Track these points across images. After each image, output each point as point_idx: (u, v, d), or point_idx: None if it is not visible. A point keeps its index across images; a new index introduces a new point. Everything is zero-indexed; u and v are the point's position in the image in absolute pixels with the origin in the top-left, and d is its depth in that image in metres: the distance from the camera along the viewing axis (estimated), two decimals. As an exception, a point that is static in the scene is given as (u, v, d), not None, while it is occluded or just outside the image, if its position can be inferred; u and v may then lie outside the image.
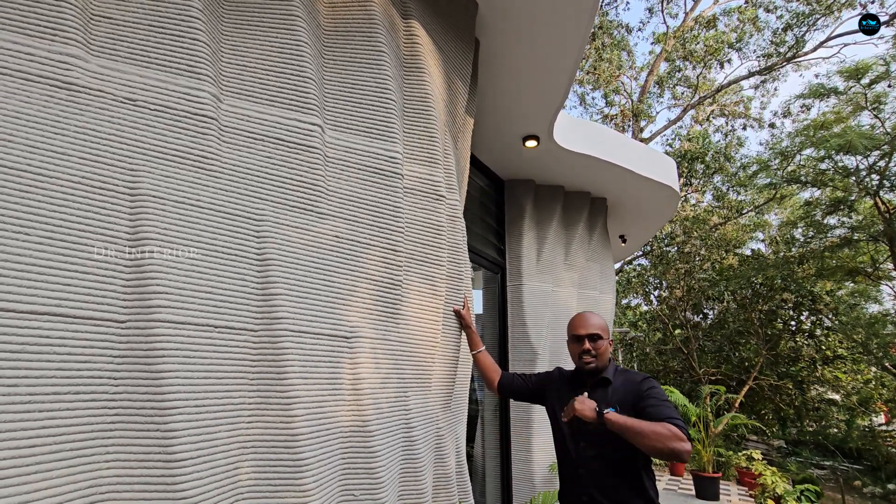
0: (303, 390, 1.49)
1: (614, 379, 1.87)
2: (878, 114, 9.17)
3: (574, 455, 1.87)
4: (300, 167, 1.62)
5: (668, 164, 4.63)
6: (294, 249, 1.58)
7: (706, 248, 12.65)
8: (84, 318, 1.17)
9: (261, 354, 1.46)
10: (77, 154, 1.24)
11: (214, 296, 1.38)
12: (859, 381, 14.13)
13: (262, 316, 1.48)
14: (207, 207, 1.42)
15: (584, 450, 1.83)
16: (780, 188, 11.36)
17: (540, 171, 4.32)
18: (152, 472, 1.19)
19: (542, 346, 4.06)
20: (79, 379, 1.14)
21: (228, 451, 1.35)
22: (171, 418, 1.21)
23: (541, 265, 4.30)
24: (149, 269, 1.27)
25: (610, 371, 1.90)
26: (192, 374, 1.28)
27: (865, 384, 14.20)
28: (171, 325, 1.27)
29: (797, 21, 11.70)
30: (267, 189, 1.56)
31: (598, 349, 1.88)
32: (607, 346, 1.90)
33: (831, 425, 16.76)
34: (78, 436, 1.12)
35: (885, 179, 8.53)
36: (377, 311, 1.81)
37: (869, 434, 15.41)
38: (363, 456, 1.67)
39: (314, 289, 1.60)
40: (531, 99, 3.26)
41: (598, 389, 1.88)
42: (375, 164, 1.83)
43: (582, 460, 1.83)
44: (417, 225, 2.01)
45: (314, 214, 1.65)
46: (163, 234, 1.31)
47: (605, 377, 1.89)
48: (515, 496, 3.77)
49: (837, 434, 16.89)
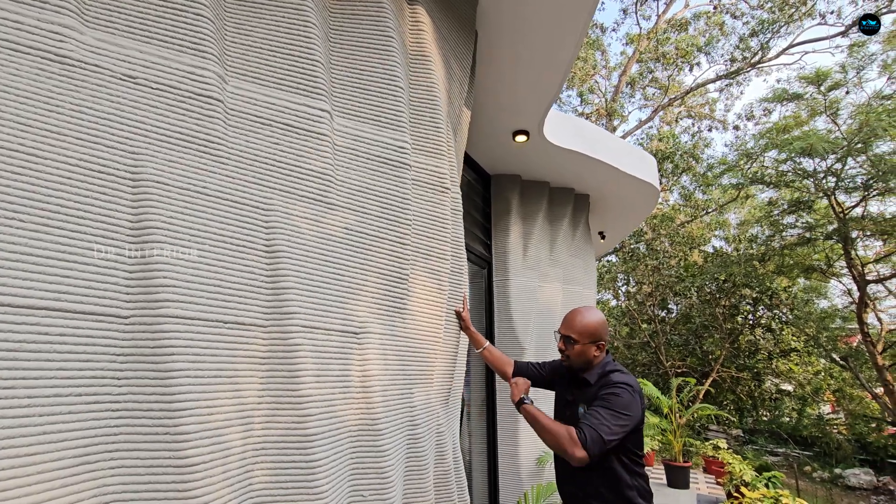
0: (315, 388, 1.42)
1: (595, 382, 1.87)
2: (834, 118, 9.66)
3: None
4: (309, 155, 1.55)
5: (650, 161, 4.73)
6: (304, 241, 1.50)
7: (672, 246, 13.08)
8: (84, 313, 1.07)
9: (271, 352, 1.38)
10: (73, 134, 1.13)
11: (223, 290, 1.30)
12: (810, 372, 14.93)
13: (271, 311, 1.40)
14: (214, 195, 1.33)
15: None
16: (745, 188, 11.83)
17: (527, 166, 4.33)
18: (162, 479, 1.10)
19: (529, 341, 4.07)
20: (80, 379, 1.05)
21: (241, 454, 1.28)
22: (182, 420, 1.13)
23: (527, 260, 4.31)
24: (154, 261, 1.17)
25: (594, 373, 1.89)
26: (202, 373, 1.20)
27: (815, 375, 15.01)
28: (179, 320, 1.18)
29: (762, 28, 12.18)
30: (275, 177, 1.48)
31: (570, 351, 1.90)
32: (583, 349, 1.88)
33: (784, 414, 17.78)
34: (81, 441, 1.03)
35: (841, 181, 9.00)
36: (385, 306, 1.75)
37: (818, 422, 16.40)
38: (373, 455, 1.62)
39: (325, 283, 1.53)
40: (525, 93, 3.25)
41: (582, 389, 1.93)
42: (384, 154, 1.77)
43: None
44: (423, 217, 1.96)
45: (324, 205, 1.57)
46: (168, 223, 1.22)
47: (585, 378, 1.90)
48: (502, 490, 3.78)
49: (790, 422, 17.92)
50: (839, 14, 11.70)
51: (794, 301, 12.49)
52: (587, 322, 1.89)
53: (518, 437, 3.84)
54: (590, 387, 1.87)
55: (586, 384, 1.89)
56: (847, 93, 9.29)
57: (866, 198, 9.20)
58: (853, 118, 9.56)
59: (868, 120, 8.21)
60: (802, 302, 13.28)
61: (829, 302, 14.99)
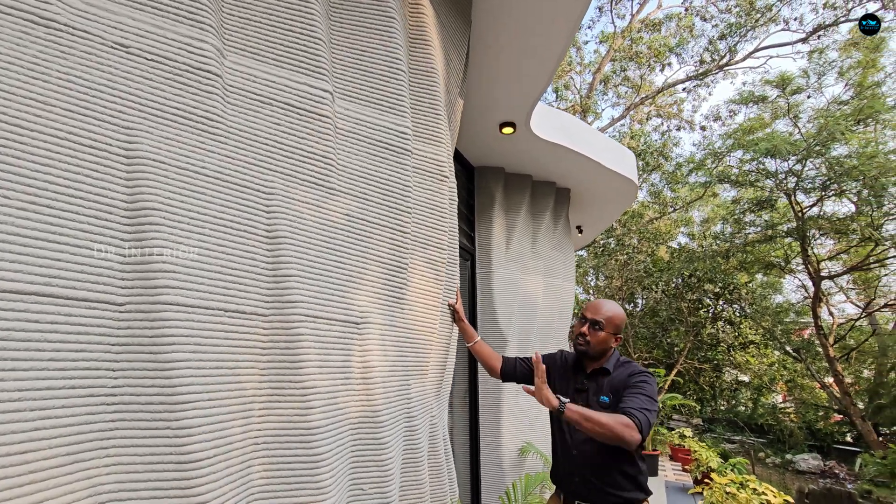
0: (319, 380, 1.37)
1: (614, 370, 1.91)
2: (796, 121, 10.10)
3: (569, 437, 1.91)
4: (311, 137, 1.48)
5: (629, 156, 4.81)
6: (306, 227, 1.44)
7: (641, 241, 13.44)
8: (76, 299, 0.99)
9: (272, 342, 1.32)
10: (61, 104, 1.04)
11: (224, 277, 1.23)
12: (765, 364, 15.67)
13: (273, 299, 1.33)
14: (214, 176, 1.25)
15: (578, 433, 1.85)
16: (711, 186, 12.25)
17: (510, 159, 4.32)
18: (163, 476, 1.03)
19: (511, 333, 4.09)
20: (73, 371, 0.97)
21: (242, 448, 1.22)
22: (185, 414, 1.06)
23: (510, 253, 4.32)
24: (151, 245, 1.10)
25: (611, 362, 1.93)
26: (204, 364, 1.13)
27: (770, 367, 15.77)
28: (179, 308, 1.10)
29: (730, 31, 12.58)
30: (276, 159, 1.40)
31: (594, 336, 1.91)
32: (607, 337, 1.91)
33: (741, 404, 18.70)
34: (75, 437, 0.95)
35: (801, 182, 9.43)
36: (385, 296, 1.71)
37: (772, 411, 17.33)
38: (373, 447, 1.58)
39: (327, 271, 1.48)
40: (514, 85, 3.23)
41: (597, 378, 1.94)
42: (386, 139, 1.71)
43: (575, 442, 1.88)
44: (422, 206, 1.92)
45: (325, 190, 1.51)
46: (166, 204, 1.14)
47: (605, 368, 1.92)
48: (484, 480, 3.80)
49: (746, 411, 18.86)
50: (801, 21, 12.21)
51: (753, 296, 13.09)
52: (616, 312, 1.92)
53: (500, 428, 3.86)
54: (607, 375, 1.89)
55: (603, 373, 1.91)
56: (809, 97, 9.73)
57: (823, 198, 9.67)
58: (813, 122, 10.02)
59: (827, 124, 8.61)
60: (760, 297, 13.94)
61: (783, 297, 15.80)
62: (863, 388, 12.24)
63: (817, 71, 10.10)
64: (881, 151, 8.46)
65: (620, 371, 1.90)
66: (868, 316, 12.06)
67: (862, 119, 8.72)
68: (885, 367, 11.60)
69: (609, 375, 1.90)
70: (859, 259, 10.23)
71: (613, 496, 1.79)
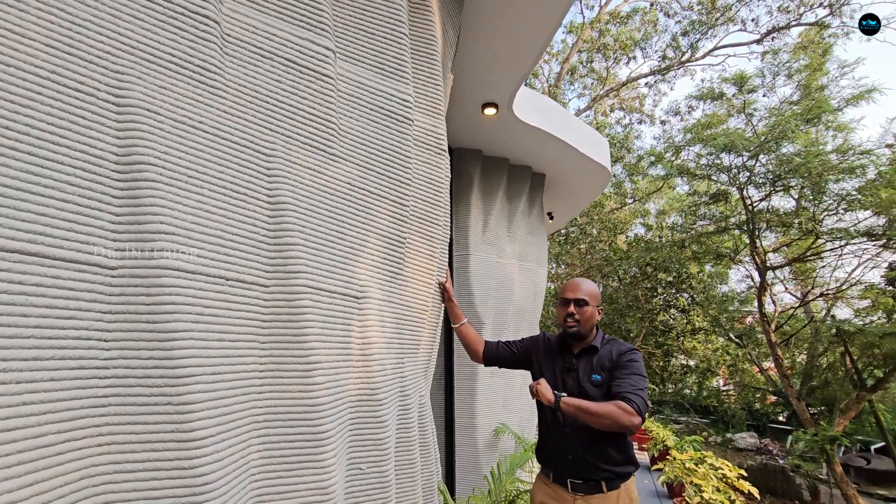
0: (323, 355, 1.30)
1: (602, 347, 1.93)
2: (750, 119, 10.59)
3: (561, 416, 1.89)
4: (313, 97, 1.38)
5: (604, 143, 4.88)
6: (308, 194, 1.35)
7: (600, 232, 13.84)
8: (65, 260, 0.88)
9: (273, 314, 1.24)
10: (41, 41, 0.91)
11: (225, 242, 1.13)
12: (710, 349, 16.60)
13: (275, 269, 1.25)
14: (212, 133, 1.15)
15: None
16: (669, 179, 12.70)
17: (489, 141, 4.28)
18: (163, 456, 0.95)
19: (488, 316, 4.10)
20: (62, 340, 0.86)
21: (243, 426, 1.14)
22: (187, 389, 0.97)
23: (486, 236, 4.31)
24: (147, 203, 0.99)
25: (598, 340, 1.95)
26: (206, 335, 1.04)
27: (714, 352, 16.72)
28: (180, 274, 1.01)
29: (692, 28, 12.99)
30: (277, 119, 1.30)
31: (582, 314, 1.91)
32: (593, 312, 1.93)
33: (687, 387, 19.83)
34: (66, 413, 0.85)
35: (753, 177, 9.92)
36: (384, 271, 1.64)
37: (715, 393, 18.47)
38: (372, 426, 1.53)
39: (329, 241, 1.40)
40: (500, 65, 3.18)
41: (585, 356, 1.94)
42: (388, 106, 1.63)
43: (569, 421, 1.86)
44: (420, 179, 1.85)
45: (327, 156, 1.42)
46: (161, 159, 1.03)
47: (592, 345, 1.93)
48: (458, 462, 3.82)
49: (691, 394, 20.02)
50: (757, 23, 12.76)
51: (703, 285, 13.80)
52: (593, 286, 1.96)
53: (475, 409, 3.88)
54: (595, 352, 1.91)
55: (591, 350, 1.92)
56: (764, 96, 10.23)
57: (771, 193, 10.23)
58: (764, 120, 10.54)
59: (779, 122, 9.08)
60: (708, 287, 14.72)
61: (728, 287, 16.75)
62: (797, 372, 13.20)
63: (772, 71, 10.61)
64: (823, 151, 9.02)
65: (608, 348, 1.91)
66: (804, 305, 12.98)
67: (810, 119, 9.25)
68: (816, 351, 12.53)
69: (597, 353, 1.91)
70: (801, 251, 10.92)
71: (607, 471, 1.79)
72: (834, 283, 11.42)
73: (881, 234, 8.78)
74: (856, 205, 8.80)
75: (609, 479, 1.80)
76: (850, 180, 9.03)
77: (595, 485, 1.80)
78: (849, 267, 11.61)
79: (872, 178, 8.71)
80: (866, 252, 10.19)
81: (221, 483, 1.01)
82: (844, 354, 9.79)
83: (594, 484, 1.80)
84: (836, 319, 10.44)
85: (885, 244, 9.42)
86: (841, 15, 11.56)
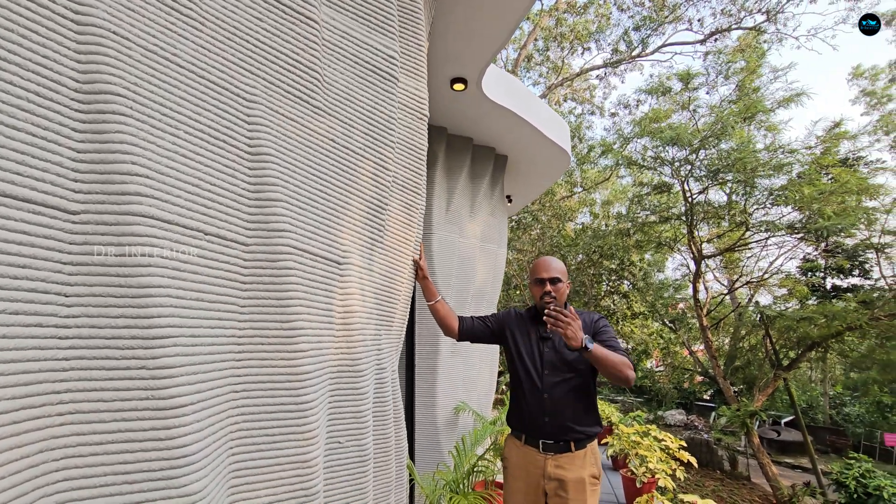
0: (307, 321, 1.21)
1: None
2: (693, 115, 11.16)
3: (539, 382, 1.99)
4: (297, 42, 1.26)
5: (565, 127, 4.94)
6: (290, 146, 1.24)
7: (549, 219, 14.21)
8: (17, 198, 0.74)
9: (254, 275, 1.13)
10: (-17, -69, 0.75)
11: (203, 192, 1.01)
12: (646, 333, 17.62)
13: (256, 226, 1.14)
14: (188, 69, 1.01)
15: (548, 377, 1.98)
16: (616, 169, 13.20)
17: (454, 119, 4.22)
18: (137, 426, 0.84)
19: (449, 294, 4.08)
20: (13, 292, 0.73)
21: (221, 395, 1.04)
22: (164, 351, 0.86)
23: (449, 215, 4.26)
24: (115, 139, 0.86)
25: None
26: (184, 292, 0.93)
27: (650, 336, 17.77)
28: (154, 222, 0.89)
29: (643, 23, 13.44)
30: (258, 62, 1.18)
31: (557, 291, 2.02)
32: (565, 287, 2.06)
33: (624, 368, 20.94)
34: (19, 377, 0.73)
35: (694, 170, 10.50)
36: (366, 236, 1.56)
37: (650, 374, 19.70)
38: (352, 397, 1.46)
39: (312, 200, 1.30)
40: (471, 39, 3.10)
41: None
42: (373, 61, 1.53)
43: (546, 386, 1.97)
44: (402, 145, 1.77)
45: (310, 107, 1.31)
46: (131, 91, 0.90)
47: None
48: (418, 440, 3.81)
49: (628, 375, 21.20)
50: (702, 23, 13.40)
51: (642, 273, 14.58)
52: (562, 264, 2.08)
53: (436, 387, 3.87)
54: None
55: None
56: (707, 93, 10.79)
57: (708, 187, 10.88)
58: (706, 117, 11.14)
59: (720, 118, 9.63)
60: (647, 274, 15.57)
61: (664, 274, 17.81)
62: (722, 354, 14.29)
63: (716, 70, 11.20)
64: (756, 149, 9.69)
65: (580, 318, 1.96)
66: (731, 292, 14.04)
67: (747, 118, 9.87)
68: (740, 335, 13.62)
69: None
70: (731, 242, 11.73)
71: (578, 432, 1.91)
72: (758, 273, 12.38)
73: (801, 228, 9.59)
74: (781, 200, 9.53)
75: (578, 440, 1.92)
76: (777, 177, 9.75)
77: (565, 445, 1.91)
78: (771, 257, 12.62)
79: (796, 176, 9.46)
80: (786, 244, 11.11)
81: (202, 455, 0.92)
82: (765, 337, 10.68)
83: (564, 444, 1.91)
84: (760, 305, 11.35)
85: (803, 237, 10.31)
86: (776, 22, 12.36)
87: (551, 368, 1.97)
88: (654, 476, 3.82)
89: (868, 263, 11.42)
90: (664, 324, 15.90)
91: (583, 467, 1.89)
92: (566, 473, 1.87)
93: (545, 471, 1.90)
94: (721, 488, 9.02)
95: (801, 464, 14.09)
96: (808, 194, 8.83)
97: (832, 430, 17.00)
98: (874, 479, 6.23)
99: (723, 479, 10.10)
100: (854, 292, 11.03)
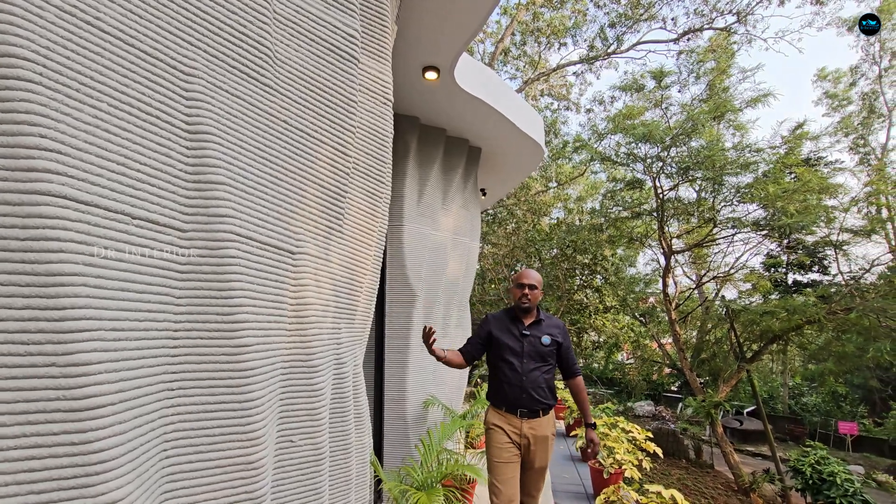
0: (251, 313, 1.13)
1: (545, 319, 2.75)
2: (665, 112, 11.35)
3: (520, 369, 2.64)
4: (242, 13, 1.17)
5: (538, 120, 4.92)
6: (235, 125, 1.15)
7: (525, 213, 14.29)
8: None
9: (192, 263, 1.04)
10: None
11: (129, 171, 0.92)
12: (617, 327, 17.99)
13: (194, 211, 1.05)
14: (112, 34, 0.92)
15: (527, 364, 2.64)
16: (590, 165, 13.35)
17: (426, 109, 4.14)
18: (45, 429, 0.75)
19: (420, 287, 4.02)
20: None
21: (152, 394, 0.95)
22: (79, 347, 0.78)
23: (421, 207, 4.19)
24: (21, 108, 0.76)
25: (541, 314, 2.77)
26: (103, 281, 0.84)
27: (620, 329, 18.16)
28: (69, 203, 0.79)
29: (619, 20, 13.57)
30: (198, 33, 1.08)
31: (533, 296, 2.70)
32: (539, 294, 2.74)
33: (595, 361, 21.45)
34: None
35: (665, 167, 10.68)
36: (322, 226, 1.48)
37: (619, 367, 20.12)
38: (306, 394, 1.38)
39: (261, 185, 1.21)
40: (443, 25, 3.02)
41: (534, 326, 2.71)
42: (331, 40, 1.44)
43: (525, 371, 2.63)
44: (364, 130, 1.69)
45: (259, 85, 1.22)
46: (42, 55, 0.80)
47: (540, 318, 2.74)
48: (387, 435, 3.76)
49: (599, 367, 21.68)
50: (676, 22, 13.62)
51: (614, 267, 14.83)
52: (538, 275, 2.74)
53: (405, 382, 3.82)
54: (541, 323, 2.71)
55: (538, 322, 2.71)
56: (679, 91, 10.99)
57: (679, 184, 11.10)
58: (678, 115, 11.34)
59: (692, 116, 9.81)
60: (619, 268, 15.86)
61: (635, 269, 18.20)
62: (690, 346, 14.70)
63: (688, 69, 11.40)
64: (724, 147, 9.92)
65: (548, 320, 2.77)
66: (699, 287, 14.42)
67: (716, 116, 10.09)
68: (706, 328, 14.02)
69: (542, 323, 2.73)
70: (700, 238, 12.02)
71: (545, 404, 2.62)
72: (724, 268, 12.73)
73: (765, 225, 9.89)
74: (747, 197, 9.79)
75: (545, 409, 2.64)
76: (744, 175, 10.00)
77: (535, 412, 2.62)
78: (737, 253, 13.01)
79: (761, 174, 9.72)
80: (752, 240, 11.44)
81: (125, 460, 0.83)
82: (730, 330, 11.00)
83: (535, 412, 2.61)
84: (726, 300, 11.67)
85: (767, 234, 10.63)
86: (746, 23, 12.65)
87: (530, 358, 2.64)
88: (621, 467, 3.87)
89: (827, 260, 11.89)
90: (635, 317, 16.25)
91: (547, 427, 2.65)
92: (536, 432, 2.60)
93: (521, 430, 2.60)
94: (686, 476, 9.29)
95: (761, 451, 14.66)
96: (773, 192, 9.08)
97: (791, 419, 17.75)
98: (828, 465, 6.51)
99: (688, 468, 10.40)
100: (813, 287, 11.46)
